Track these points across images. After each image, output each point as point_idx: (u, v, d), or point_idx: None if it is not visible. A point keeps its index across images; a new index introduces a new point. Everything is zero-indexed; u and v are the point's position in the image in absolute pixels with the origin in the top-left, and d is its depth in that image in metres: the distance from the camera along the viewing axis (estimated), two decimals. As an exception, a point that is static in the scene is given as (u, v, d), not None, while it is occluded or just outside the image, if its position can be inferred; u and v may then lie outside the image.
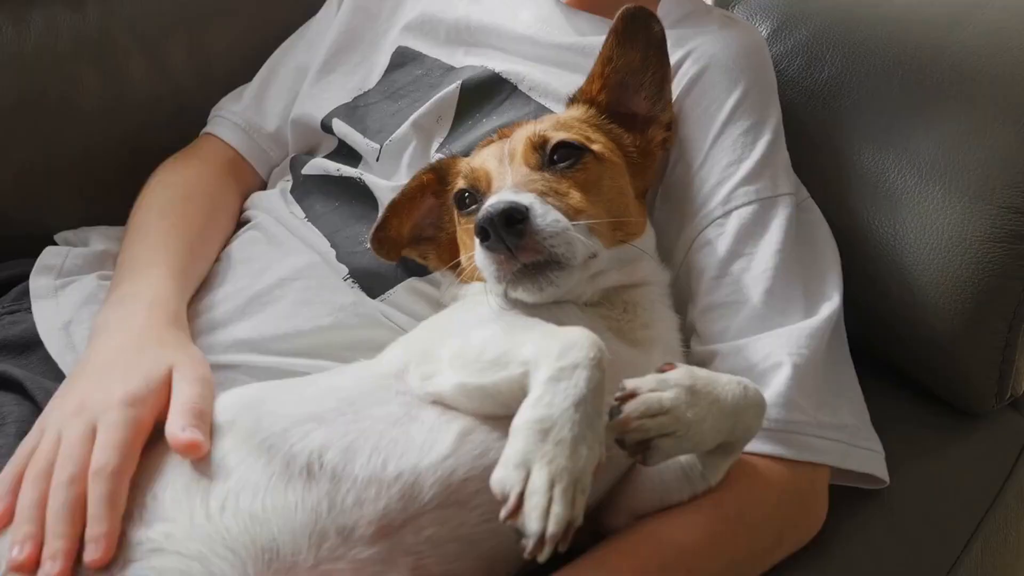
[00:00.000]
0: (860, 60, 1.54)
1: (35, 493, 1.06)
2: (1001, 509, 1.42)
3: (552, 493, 0.90)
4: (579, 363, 0.97)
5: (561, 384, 0.96)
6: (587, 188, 1.22)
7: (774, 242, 1.31)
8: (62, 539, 1.01)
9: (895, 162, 1.44)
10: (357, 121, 1.56)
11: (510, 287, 1.14)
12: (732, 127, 1.37)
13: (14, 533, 1.03)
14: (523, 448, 0.93)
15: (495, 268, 1.12)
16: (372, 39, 1.68)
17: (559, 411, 0.94)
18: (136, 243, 1.45)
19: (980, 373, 1.42)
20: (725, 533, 1.14)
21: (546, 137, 1.25)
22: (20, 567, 1.00)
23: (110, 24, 1.76)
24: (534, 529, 0.89)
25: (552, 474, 0.91)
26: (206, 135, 1.73)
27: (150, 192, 1.57)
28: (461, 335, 1.11)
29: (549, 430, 0.93)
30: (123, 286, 1.35)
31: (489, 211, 1.09)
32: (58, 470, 1.07)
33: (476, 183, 1.27)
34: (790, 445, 1.21)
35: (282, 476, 1.03)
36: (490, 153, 1.29)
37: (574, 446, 0.93)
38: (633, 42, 1.33)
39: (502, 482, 0.92)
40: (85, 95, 1.73)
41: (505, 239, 1.09)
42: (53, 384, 1.29)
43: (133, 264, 1.40)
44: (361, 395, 1.10)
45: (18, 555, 1.00)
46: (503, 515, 0.91)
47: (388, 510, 1.01)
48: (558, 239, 1.10)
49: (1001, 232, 1.34)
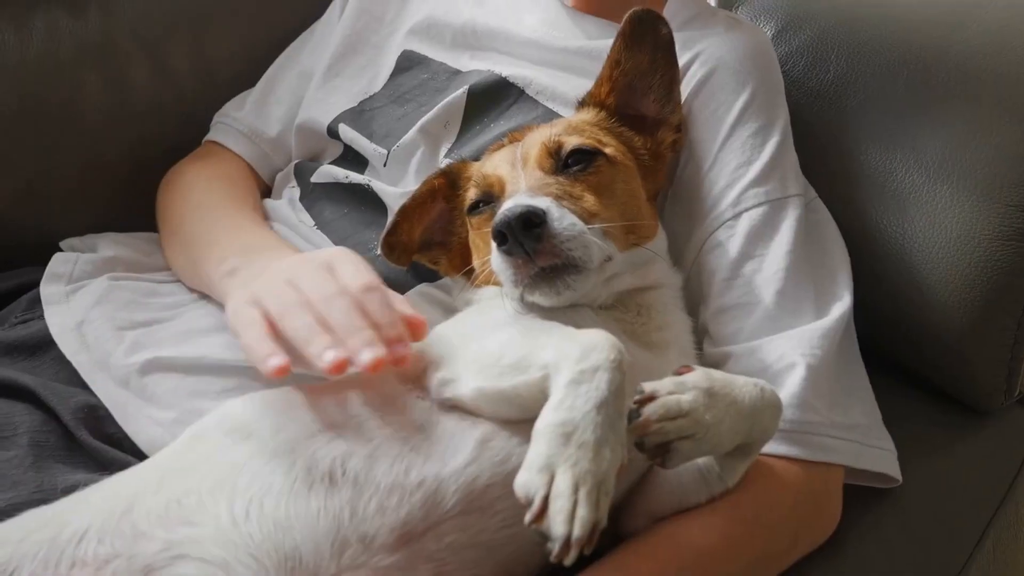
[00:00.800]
0: (865, 61, 1.54)
1: (307, 318, 1.06)
2: (1011, 506, 1.42)
3: (577, 496, 0.91)
4: (600, 365, 0.97)
5: (582, 387, 0.96)
6: (601, 192, 1.22)
7: (785, 243, 1.32)
8: (363, 331, 1.02)
9: (902, 162, 1.45)
10: (363, 126, 1.56)
11: (527, 291, 1.15)
12: (741, 129, 1.37)
13: (313, 347, 1.03)
14: (546, 452, 0.93)
15: (512, 272, 1.13)
16: (377, 43, 1.68)
17: (581, 414, 0.94)
18: (205, 220, 1.48)
19: (989, 371, 1.43)
20: (743, 535, 1.14)
21: (561, 142, 1.25)
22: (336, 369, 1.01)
23: (112, 30, 1.75)
24: (560, 533, 0.90)
25: (576, 477, 0.91)
26: (209, 142, 1.73)
27: (182, 186, 1.59)
28: (478, 340, 1.11)
29: (572, 433, 0.94)
30: (232, 251, 1.35)
31: (507, 215, 1.09)
32: (318, 294, 1.07)
33: (489, 188, 1.27)
34: (805, 446, 1.21)
35: (304, 482, 1.03)
36: (502, 158, 1.29)
37: (597, 449, 0.93)
38: (641, 44, 1.33)
39: (526, 486, 0.93)
40: (88, 101, 1.72)
41: (523, 243, 1.09)
42: (65, 387, 1.29)
43: (220, 234, 1.42)
44: (383, 402, 1.10)
45: (332, 357, 1.01)
46: (528, 519, 0.91)
47: (410, 517, 1.01)
48: (575, 242, 1.11)
49: (1010, 230, 1.35)
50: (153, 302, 1.44)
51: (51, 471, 1.19)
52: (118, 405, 1.28)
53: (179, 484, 1.06)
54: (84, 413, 1.25)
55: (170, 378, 1.30)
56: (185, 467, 1.08)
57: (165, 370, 1.30)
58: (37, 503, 1.11)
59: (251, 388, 1.25)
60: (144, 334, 1.36)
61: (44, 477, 1.18)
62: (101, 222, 1.68)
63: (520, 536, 1.03)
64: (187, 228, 1.50)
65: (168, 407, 1.27)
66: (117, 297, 1.43)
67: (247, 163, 1.70)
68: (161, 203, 1.62)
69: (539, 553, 0.99)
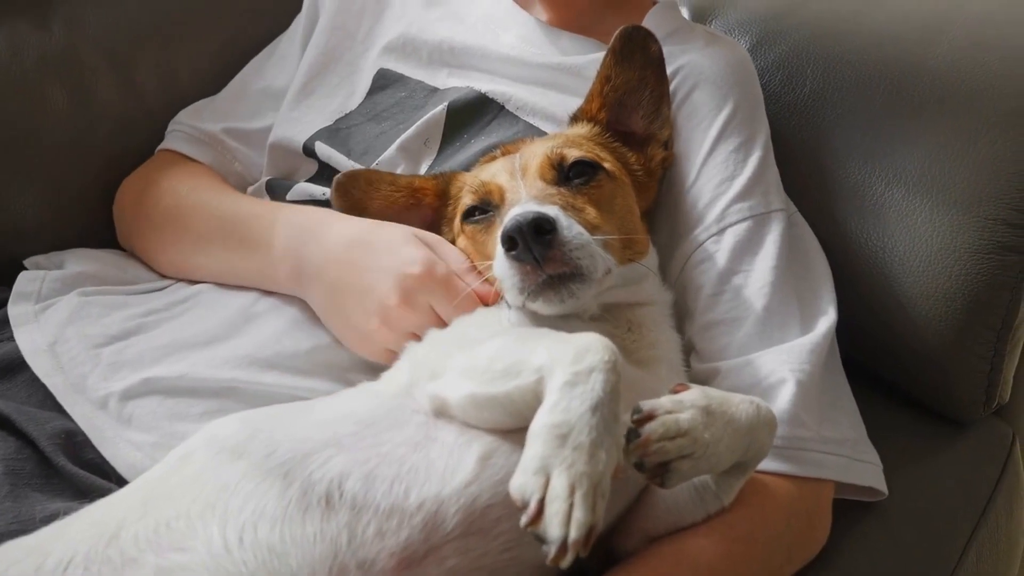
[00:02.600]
0: (840, 75, 1.56)
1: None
2: (992, 516, 1.44)
3: (573, 499, 0.90)
4: (595, 367, 0.96)
5: (577, 388, 0.95)
6: (601, 205, 1.23)
7: (770, 258, 1.32)
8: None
9: (881, 175, 1.46)
10: (340, 143, 1.54)
11: (530, 299, 1.14)
12: (723, 144, 1.38)
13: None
14: (542, 453, 0.92)
15: (519, 279, 1.12)
16: (350, 60, 1.66)
17: (576, 416, 0.93)
18: (222, 214, 1.48)
19: (969, 382, 1.44)
20: (741, 553, 1.13)
21: (563, 154, 1.26)
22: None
23: (76, 42, 1.71)
24: (556, 535, 0.89)
25: (572, 479, 0.90)
26: (167, 152, 1.68)
27: (165, 192, 1.57)
28: (470, 347, 1.10)
29: (567, 435, 0.92)
30: (257, 228, 1.42)
31: (518, 220, 1.09)
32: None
33: (488, 195, 1.27)
34: (798, 462, 1.21)
35: (299, 504, 1.00)
36: (500, 167, 1.29)
37: (593, 450, 0.92)
38: (631, 61, 1.35)
39: (522, 488, 0.91)
40: (52, 116, 1.68)
41: (533, 249, 1.09)
42: (40, 412, 1.25)
43: (254, 223, 1.44)
44: (378, 418, 1.08)
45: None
46: (524, 521, 0.90)
47: (410, 541, 0.99)
48: (583, 252, 1.11)
49: (989, 243, 1.37)
50: (127, 313, 1.41)
51: (28, 500, 1.15)
52: (95, 429, 1.24)
53: (167, 507, 1.02)
54: (62, 439, 1.22)
55: (149, 400, 1.27)
56: (172, 489, 1.05)
57: (145, 394, 1.27)
58: (15, 534, 1.07)
59: (233, 410, 1.22)
60: (120, 350, 1.33)
61: (22, 507, 1.13)
62: (66, 238, 1.64)
63: (522, 560, 1.01)
64: (203, 226, 1.48)
65: (148, 430, 1.24)
66: (89, 312, 1.40)
67: (212, 169, 1.66)
68: (142, 214, 1.58)
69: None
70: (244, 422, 1.11)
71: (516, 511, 0.94)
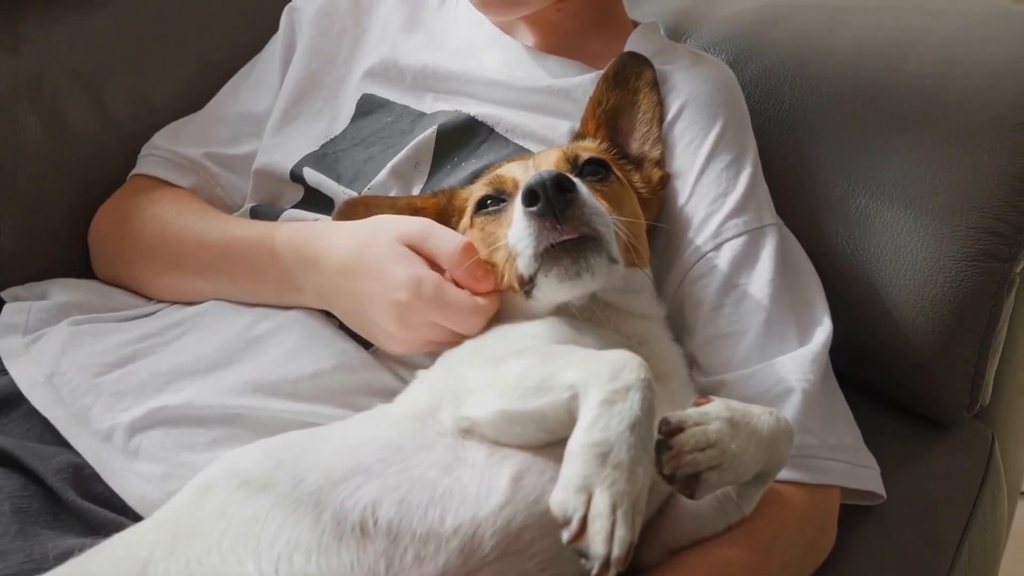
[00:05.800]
0: (817, 91, 1.60)
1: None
2: (979, 514, 1.49)
3: (615, 516, 0.91)
4: (631, 385, 0.97)
5: (616, 407, 0.96)
6: (613, 202, 1.24)
7: (766, 271, 1.35)
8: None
9: (864, 188, 1.50)
10: (329, 169, 1.53)
11: (544, 268, 1.15)
12: (715, 162, 1.41)
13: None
14: (583, 472, 0.93)
15: (536, 234, 1.13)
16: (331, 84, 1.65)
17: (616, 434, 0.94)
18: (214, 241, 1.47)
19: (953, 386, 1.49)
20: (762, 562, 1.16)
21: (578, 152, 1.29)
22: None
23: (47, 67, 1.68)
24: (600, 553, 0.90)
25: (614, 497, 0.92)
26: (142, 177, 1.65)
27: (148, 218, 1.54)
28: (495, 365, 1.09)
29: (607, 454, 0.94)
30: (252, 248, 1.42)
31: (541, 175, 1.11)
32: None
33: (502, 185, 1.28)
34: (808, 470, 1.24)
35: (334, 534, 0.99)
36: (514, 164, 1.31)
37: (632, 468, 0.94)
38: (624, 86, 1.38)
39: (563, 505, 0.92)
40: (23, 142, 1.64)
41: (554, 205, 1.10)
42: (44, 447, 1.23)
43: (253, 243, 1.43)
44: (404, 443, 1.07)
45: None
46: (566, 538, 0.91)
47: (448, 566, 0.99)
48: (602, 219, 1.14)
49: (972, 251, 1.42)
50: (121, 339, 1.38)
51: (39, 537, 1.12)
52: (102, 461, 1.22)
53: (196, 543, 1.01)
54: (70, 473, 1.19)
55: (156, 431, 1.24)
56: (198, 524, 1.03)
57: (151, 425, 1.25)
58: (29, 573, 1.05)
59: (239, 437, 1.23)
60: (120, 378, 1.31)
61: (33, 545, 1.10)
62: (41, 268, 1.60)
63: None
64: (203, 255, 1.46)
65: (155, 461, 1.22)
66: (82, 342, 1.37)
67: (193, 193, 1.64)
68: (127, 244, 1.55)
69: None
70: (266, 452, 1.10)
71: (551, 531, 0.96)
